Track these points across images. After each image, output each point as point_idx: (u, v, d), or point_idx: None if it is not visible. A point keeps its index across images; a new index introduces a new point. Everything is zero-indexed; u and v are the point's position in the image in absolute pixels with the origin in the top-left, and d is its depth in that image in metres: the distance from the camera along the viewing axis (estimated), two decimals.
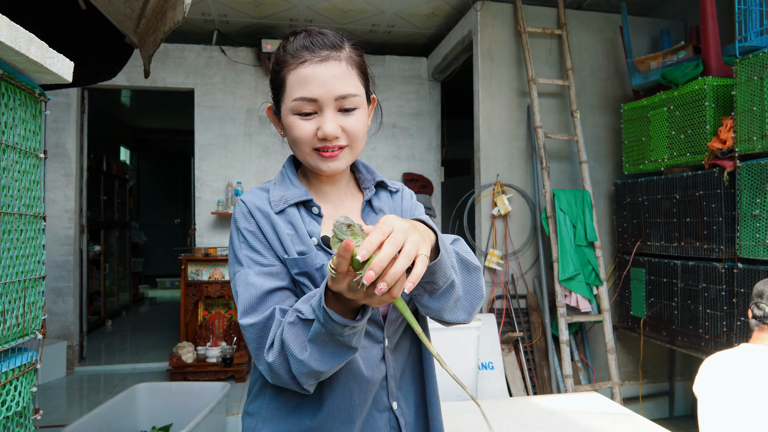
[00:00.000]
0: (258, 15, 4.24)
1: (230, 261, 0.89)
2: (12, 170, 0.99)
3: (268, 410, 0.90)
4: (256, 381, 0.94)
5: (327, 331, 0.72)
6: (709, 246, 2.76)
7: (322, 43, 0.86)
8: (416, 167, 5.01)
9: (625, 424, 1.88)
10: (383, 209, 1.00)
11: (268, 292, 0.82)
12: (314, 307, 0.74)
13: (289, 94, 0.87)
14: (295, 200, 0.90)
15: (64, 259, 4.39)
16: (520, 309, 3.61)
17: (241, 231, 0.88)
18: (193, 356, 4.00)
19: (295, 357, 0.75)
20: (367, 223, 0.97)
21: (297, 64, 0.85)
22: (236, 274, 0.86)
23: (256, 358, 0.81)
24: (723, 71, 2.84)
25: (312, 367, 0.75)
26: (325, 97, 0.84)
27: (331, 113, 0.86)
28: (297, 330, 0.75)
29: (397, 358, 0.93)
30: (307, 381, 0.78)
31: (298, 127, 0.87)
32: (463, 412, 2.05)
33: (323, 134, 0.85)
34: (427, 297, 0.81)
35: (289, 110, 0.87)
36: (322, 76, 0.84)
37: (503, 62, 3.71)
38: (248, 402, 0.95)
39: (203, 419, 2.56)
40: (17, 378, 1.00)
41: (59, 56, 0.99)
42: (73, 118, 4.43)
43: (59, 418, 3.33)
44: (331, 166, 0.89)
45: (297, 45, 0.87)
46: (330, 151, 0.87)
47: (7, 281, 0.96)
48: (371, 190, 1.00)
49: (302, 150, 0.89)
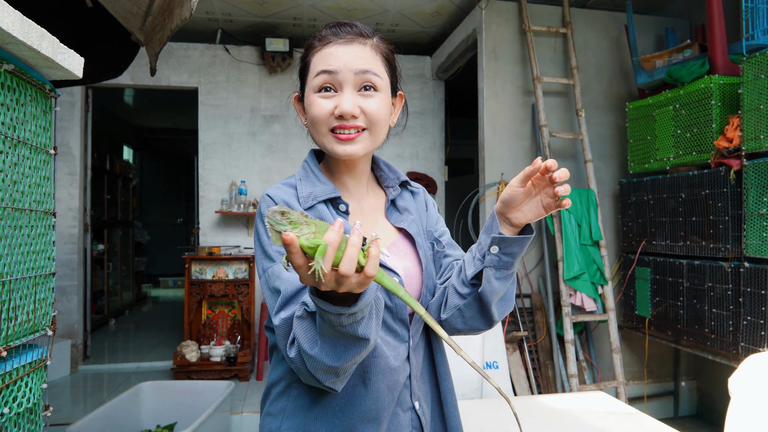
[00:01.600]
0: (262, 14, 4.23)
1: (258, 257, 0.86)
2: (23, 166, 0.99)
3: (293, 410, 0.87)
4: (279, 380, 0.90)
5: (327, 323, 0.67)
6: (715, 245, 2.75)
7: (350, 30, 0.87)
8: (420, 166, 5.00)
9: (631, 423, 1.87)
10: (409, 209, 0.98)
11: (303, 287, 0.79)
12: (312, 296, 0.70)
13: (312, 73, 0.87)
14: (325, 197, 0.88)
15: (68, 257, 4.39)
16: (524, 308, 3.60)
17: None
18: (197, 355, 4.00)
19: (307, 353, 0.71)
20: (391, 222, 0.96)
21: (322, 45, 0.86)
22: (267, 270, 0.83)
23: (286, 353, 0.78)
24: (729, 69, 2.83)
25: (325, 362, 0.70)
26: (344, 71, 0.83)
27: (350, 91, 0.84)
28: (306, 324, 0.72)
29: (417, 357, 0.93)
30: (327, 378, 0.74)
31: (316, 104, 0.85)
32: (469, 412, 2.04)
33: (341, 111, 0.83)
34: (495, 271, 0.83)
35: (311, 89, 0.86)
36: (345, 53, 0.84)
37: (508, 61, 3.70)
38: (269, 402, 0.91)
39: (208, 418, 2.56)
40: (28, 374, 0.99)
41: (70, 52, 0.99)
42: (77, 117, 4.43)
43: (64, 416, 3.34)
44: (347, 149, 0.85)
45: (325, 32, 0.88)
46: (347, 133, 0.85)
47: (18, 277, 0.96)
48: (396, 189, 0.98)
49: (319, 131, 0.87)
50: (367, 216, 0.95)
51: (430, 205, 1.05)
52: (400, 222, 0.96)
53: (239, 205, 4.51)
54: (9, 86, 0.94)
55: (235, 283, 4.22)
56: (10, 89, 0.94)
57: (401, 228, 0.96)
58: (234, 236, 4.69)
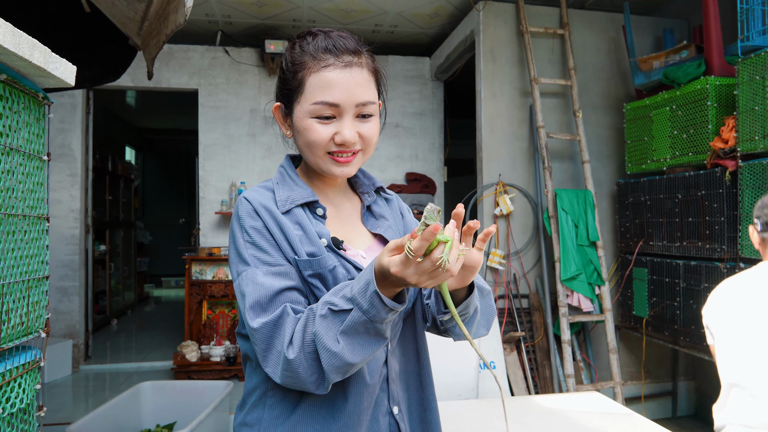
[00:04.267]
0: (261, 16, 4.26)
1: (233, 260, 0.86)
2: (16, 172, 1.01)
3: (271, 419, 0.86)
4: (254, 390, 0.90)
5: (367, 319, 0.72)
6: (711, 246, 2.76)
7: (345, 47, 0.86)
8: (419, 167, 5.02)
9: (625, 424, 1.89)
10: (384, 216, 1.00)
11: (278, 291, 0.80)
12: (354, 295, 0.73)
13: (308, 96, 0.85)
14: (302, 201, 0.89)
15: (70, 258, 4.42)
16: (522, 309, 3.61)
17: (246, 230, 0.85)
18: (197, 355, 4.03)
19: (329, 349, 0.73)
20: (367, 227, 0.98)
21: (320, 67, 0.85)
22: (242, 273, 0.83)
23: (264, 359, 0.79)
24: (725, 71, 2.83)
25: (345, 359, 0.74)
26: (346, 103, 0.85)
27: (350, 119, 0.86)
28: (329, 323, 0.74)
29: (397, 360, 0.94)
30: (335, 376, 0.76)
31: (315, 130, 0.86)
32: (464, 412, 2.06)
33: (342, 140, 0.85)
34: (455, 326, 0.90)
35: (306, 113, 0.86)
36: (346, 82, 0.84)
37: (506, 62, 3.72)
38: (245, 412, 0.90)
39: (206, 417, 2.59)
40: (21, 375, 1.02)
41: (62, 61, 1.01)
42: (78, 119, 4.46)
43: (65, 416, 3.37)
44: (344, 171, 0.89)
45: (318, 46, 0.86)
46: (345, 156, 0.87)
47: (12, 281, 0.98)
48: (371, 195, 1.01)
49: (315, 153, 0.88)
50: (343, 221, 0.97)
51: (406, 212, 1.07)
52: (377, 228, 0.98)
53: None
54: (2, 95, 0.96)
55: None
56: (3, 98, 0.97)
57: (377, 234, 0.98)
58: None
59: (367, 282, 0.72)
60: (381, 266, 0.71)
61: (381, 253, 0.72)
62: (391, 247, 0.71)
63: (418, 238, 0.67)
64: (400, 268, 0.69)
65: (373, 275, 0.72)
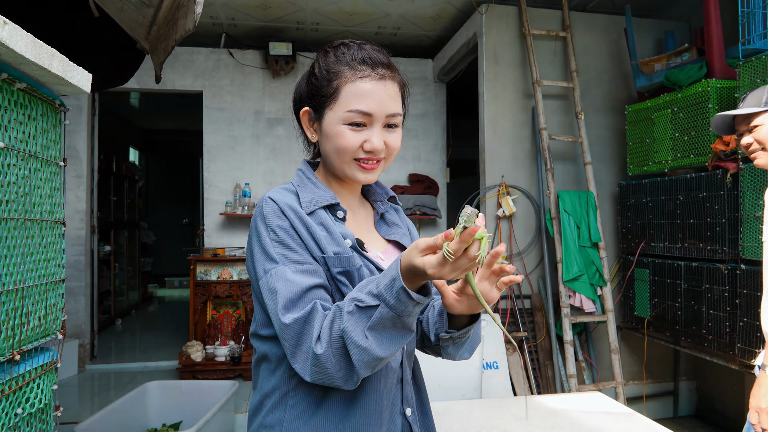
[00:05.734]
0: (265, 18, 4.29)
1: (258, 258, 0.86)
2: (34, 178, 1.04)
3: (292, 420, 0.87)
4: (273, 391, 0.90)
5: (395, 314, 0.75)
6: (713, 247, 2.78)
7: (380, 61, 0.90)
8: (422, 168, 5.05)
9: (626, 423, 1.91)
10: (397, 224, 1.05)
11: (308, 288, 0.82)
12: (381, 292, 0.75)
13: (343, 104, 0.89)
14: (325, 203, 0.92)
15: (76, 259, 4.46)
16: (524, 309, 3.64)
17: (272, 228, 0.86)
18: (202, 355, 4.07)
19: (358, 345, 0.75)
20: (381, 234, 1.03)
21: (356, 77, 0.89)
22: (270, 271, 0.84)
23: (293, 356, 0.80)
24: (726, 73, 2.85)
25: (375, 353, 0.76)
26: (378, 113, 0.89)
27: (379, 129, 0.90)
28: (356, 319, 0.76)
29: (409, 364, 0.98)
30: (365, 371, 0.78)
31: (346, 137, 0.89)
32: (468, 411, 2.08)
33: (372, 147, 0.89)
34: (452, 346, 0.94)
35: (339, 119, 0.89)
36: (380, 93, 0.89)
37: (508, 64, 3.74)
38: (263, 415, 0.90)
39: (212, 417, 2.62)
40: (39, 377, 1.05)
41: (79, 69, 1.04)
42: (84, 121, 4.50)
43: (71, 415, 3.40)
44: (369, 177, 0.93)
45: (355, 57, 0.90)
46: (371, 163, 0.91)
47: (30, 284, 1.01)
48: (384, 204, 1.05)
49: (342, 159, 0.91)
50: (359, 225, 1.00)
51: (411, 227, 1.12)
52: (391, 234, 1.03)
53: (243, 207, 4.57)
54: (21, 103, 0.99)
55: (240, 284, 4.28)
56: (23, 106, 1.00)
57: (391, 240, 1.03)
58: (238, 238, 4.75)
59: (392, 279, 0.75)
60: (413, 266, 0.74)
61: (409, 252, 0.75)
62: (422, 246, 0.73)
63: (457, 240, 0.70)
64: (438, 269, 0.72)
65: (398, 272, 0.75)
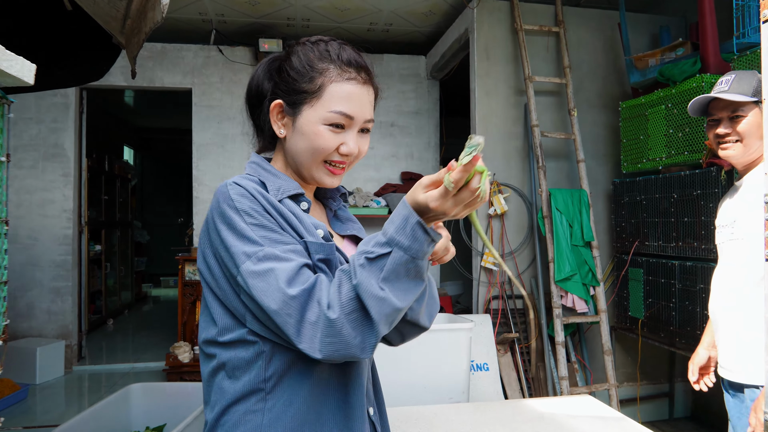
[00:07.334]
0: (255, 14, 4.22)
1: (233, 247, 0.78)
2: None
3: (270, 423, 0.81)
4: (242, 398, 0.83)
5: (409, 257, 0.72)
6: (707, 246, 2.71)
7: (363, 65, 0.91)
8: (415, 166, 4.98)
9: (616, 428, 1.85)
10: (351, 219, 1.04)
11: (302, 265, 0.78)
12: (392, 236, 0.73)
13: (326, 103, 0.87)
14: (292, 192, 0.89)
15: (63, 258, 4.40)
16: (516, 309, 3.57)
17: (247, 212, 0.80)
18: (190, 356, 4.01)
19: (376, 296, 0.72)
20: (335, 231, 1.00)
21: (344, 78, 0.88)
22: (255, 254, 0.77)
23: (297, 334, 0.74)
24: (721, 68, 2.79)
25: (394, 303, 0.73)
26: (359, 117, 0.89)
27: (355, 133, 0.90)
28: (368, 272, 0.73)
29: (369, 361, 0.96)
30: (385, 327, 0.75)
31: (324, 137, 0.87)
32: (455, 415, 2.03)
33: (348, 150, 0.88)
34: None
35: (320, 119, 0.87)
36: (363, 97, 0.89)
37: (500, 60, 3.67)
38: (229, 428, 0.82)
39: (194, 420, 2.56)
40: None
41: (18, 59, 0.97)
42: (71, 119, 4.44)
43: (55, 417, 3.35)
44: (335, 182, 0.92)
45: (341, 57, 0.89)
46: (341, 167, 0.91)
47: None
48: (337, 200, 1.04)
49: (315, 159, 0.89)
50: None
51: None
52: (347, 230, 1.01)
53: None
54: None
55: None
56: None
57: (347, 235, 1.01)
58: None
59: (405, 218, 0.73)
60: (416, 202, 0.74)
61: (413, 190, 0.74)
62: (425, 183, 0.74)
63: (458, 169, 0.69)
64: (440, 202, 0.72)
65: (410, 209, 0.74)
